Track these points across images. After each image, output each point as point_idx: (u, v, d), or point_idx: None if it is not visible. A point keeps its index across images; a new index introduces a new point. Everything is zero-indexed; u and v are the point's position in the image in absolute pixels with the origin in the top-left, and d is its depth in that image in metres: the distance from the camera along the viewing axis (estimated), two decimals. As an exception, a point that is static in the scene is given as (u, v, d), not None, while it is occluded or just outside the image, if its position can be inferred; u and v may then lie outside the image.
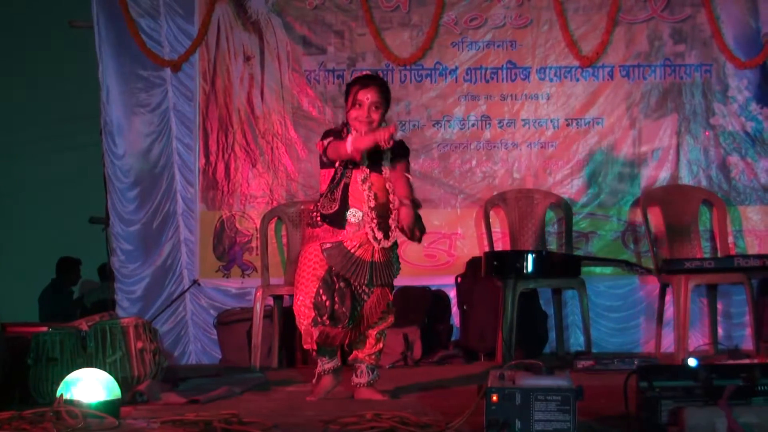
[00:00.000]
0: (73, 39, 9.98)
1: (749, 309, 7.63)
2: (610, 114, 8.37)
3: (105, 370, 5.17)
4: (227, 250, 8.30)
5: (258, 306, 7.44)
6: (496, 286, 7.60)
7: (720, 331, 8.13)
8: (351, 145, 5.32)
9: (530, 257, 7.30)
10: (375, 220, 5.44)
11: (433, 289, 8.11)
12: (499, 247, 8.15)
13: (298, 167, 8.32)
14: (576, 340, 8.12)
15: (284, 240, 8.05)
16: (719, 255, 8.03)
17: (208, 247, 8.30)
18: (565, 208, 8.19)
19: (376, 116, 5.51)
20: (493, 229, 8.15)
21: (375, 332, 5.61)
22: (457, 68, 8.41)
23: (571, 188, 8.37)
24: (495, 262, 7.39)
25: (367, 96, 5.50)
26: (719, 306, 8.12)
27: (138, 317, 6.49)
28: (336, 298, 5.42)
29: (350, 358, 5.72)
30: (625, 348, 8.17)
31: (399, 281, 8.04)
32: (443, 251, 8.28)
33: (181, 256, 8.36)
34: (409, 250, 8.13)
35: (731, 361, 6.21)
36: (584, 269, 7.73)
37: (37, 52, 14.28)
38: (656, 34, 8.45)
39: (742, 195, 8.31)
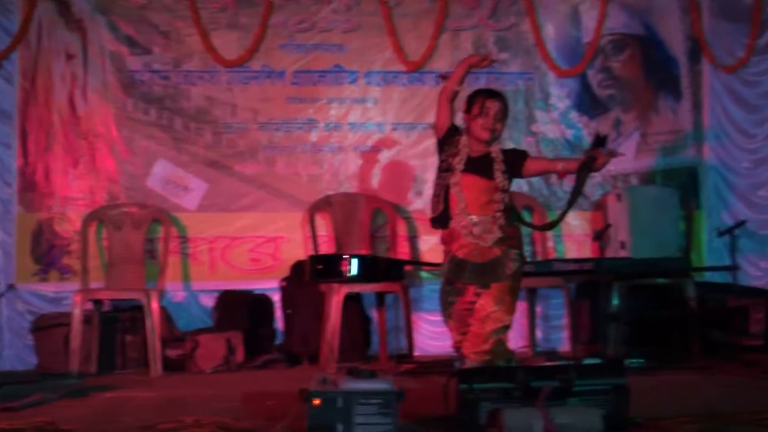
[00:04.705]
0: None
1: (566, 312, 7.81)
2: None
3: None
4: (45, 254, 8.08)
5: (77, 310, 7.27)
6: (321, 290, 7.59)
7: (538, 333, 8.28)
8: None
9: (354, 261, 7.31)
10: (469, 226, 5.49)
11: (256, 293, 8.05)
12: (324, 251, 8.14)
13: (121, 169, 8.15)
14: (399, 344, 8.16)
15: (105, 243, 7.90)
16: (539, 259, 8.17)
17: (26, 250, 8.05)
18: (390, 212, 8.23)
19: (499, 126, 5.63)
20: (318, 233, 8.14)
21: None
22: (284, 71, 8.38)
23: (396, 193, 8.42)
24: (319, 266, 7.38)
25: (494, 105, 5.61)
26: (538, 309, 8.27)
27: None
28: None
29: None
30: (448, 351, 8.24)
31: (222, 285, 8.04)
32: (268, 255, 8.23)
33: (-4, 260, 8.10)
34: (233, 254, 8.10)
35: (548, 363, 6.34)
36: (408, 273, 7.78)
37: None
38: (481, 42, 8.57)
39: (561, 201, 8.48)
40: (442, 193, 5.60)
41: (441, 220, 5.62)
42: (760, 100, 8.97)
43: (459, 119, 5.69)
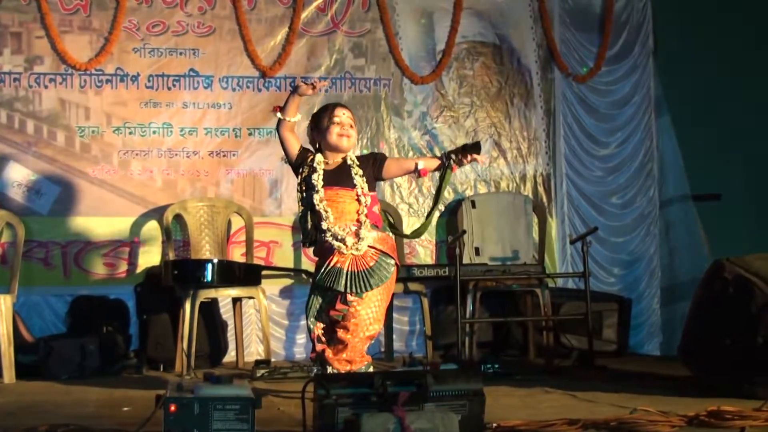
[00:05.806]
0: None
1: (423, 317, 7.88)
2: (292, 124, 8.44)
3: None
4: None
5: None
6: (177, 295, 7.53)
7: (396, 338, 8.34)
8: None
9: (210, 266, 7.29)
10: (340, 239, 5.54)
11: (111, 298, 7.93)
12: (180, 256, 8.07)
13: (-30, 173, 7.97)
14: (256, 349, 8.15)
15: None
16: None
17: None
18: (246, 217, 8.20)
19: (353, 132, 5.80)
20: (174, 238, 8.07)
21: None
22: (138, 74, 8.28)
23: (252, 198, 8.39)
24: (175, 271, 7.32)
25: (342, 112, 5.78)
26: (395, 314, 8.32)
27: None
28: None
29: None
30: (305, 357, 8.25)
31: (75, 290, 7.89)
32: (123, 260, 8.11)
33: None
34: (87, 259, 7.97)
35: (405, 369, 6.40)
36: (265, 279, 7.77)
37: None
38: (337, 48, 8.62)
39: (416, 206, 8.58)
40: (307, 212, 5.64)
41: (310, 237, 5.67)
42: (611, 109, 9.22)
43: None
